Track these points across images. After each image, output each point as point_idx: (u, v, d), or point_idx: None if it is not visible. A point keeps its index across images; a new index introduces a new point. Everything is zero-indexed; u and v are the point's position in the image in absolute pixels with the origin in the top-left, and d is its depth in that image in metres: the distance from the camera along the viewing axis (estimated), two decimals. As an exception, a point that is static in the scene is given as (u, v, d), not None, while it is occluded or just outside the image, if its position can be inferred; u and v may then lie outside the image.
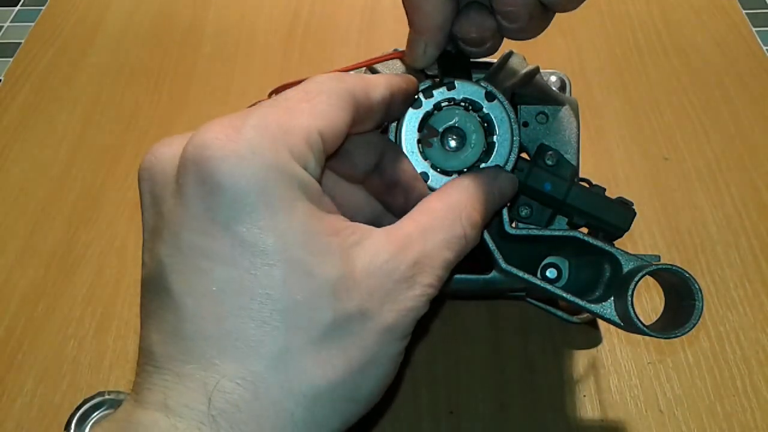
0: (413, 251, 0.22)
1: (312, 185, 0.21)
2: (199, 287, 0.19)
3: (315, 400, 0.19)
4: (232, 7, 0.70)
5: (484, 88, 0.28)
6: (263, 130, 0.20)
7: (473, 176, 0.28)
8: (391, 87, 0.26)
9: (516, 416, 0.40)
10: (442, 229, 0.24)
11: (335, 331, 0.20)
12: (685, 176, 0.53)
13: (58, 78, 0.63)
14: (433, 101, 0.28)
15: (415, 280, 0.22)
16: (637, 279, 0.30)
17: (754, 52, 0.63)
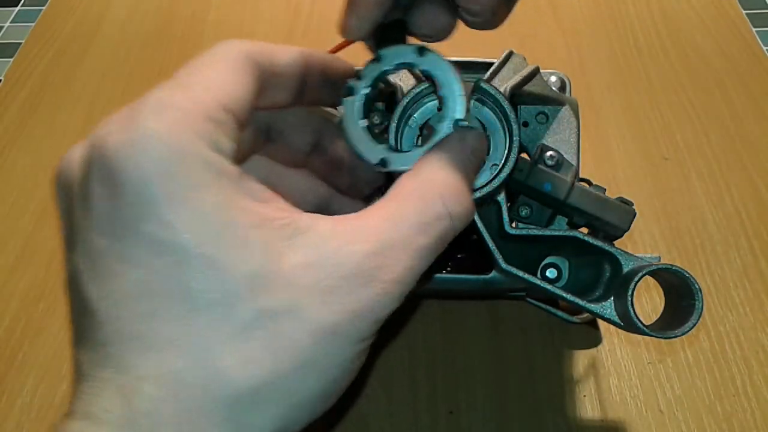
0: (370, 242, 0.20)
1: (225, 168, 0.19)
2: (114, 291, 0.18)
3: (237, 401, 0.18)
4: (232, 7, 0.70)
5: (414, 46, 0.25)
6: (159, 115, 0.18)
7: (439, 147, 0.24)
8: (304, 55, 0.24)
9: (516, 416, 0.40)
10: (415, 212, 0.21)
11: (257, 329, 0.18)
12: (685, 176, 0.53)
13: (58, 78, 0.63)
14: (365, 83, 0.25)
15: (373, 275, 0.19)
16: (637, 279, 0.30)
17: (754, 52, 0.63)
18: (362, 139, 0.25)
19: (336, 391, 0.20)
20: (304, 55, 0.24)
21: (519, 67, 0.36)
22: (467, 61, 0.39)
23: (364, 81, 0.26)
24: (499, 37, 0.65)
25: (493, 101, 0.31)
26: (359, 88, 0.26)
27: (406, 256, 0.20)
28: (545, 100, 0.37)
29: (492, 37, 0.67)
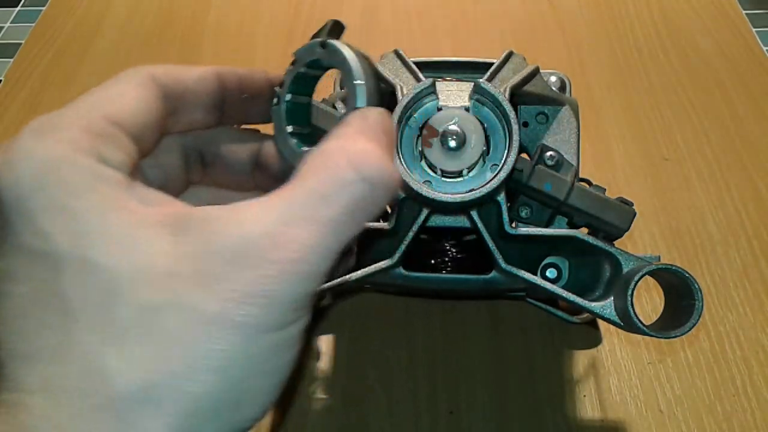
0: (261, 223, 0.18)
1: (107, 175, 0.19)
2: (6, 310, 0.18)
3: (126, 403, 0.17)
4: (232, 8, 0.70)
5: (318, 41, 0.24)
6: (36, 134, 0.19)
7: (341, 123, 0.21)
8: (217, 73, 0.24)
9: (516, 416, 0.40)
10: (316, 183, 0.19)
11: (139, 327, 0.17)
12: (685, 176, 0.53)
13: (58, 78, 0.63)
14: (286, 89, 0.25)
15: (263, 256, 0.17)
16: (637, 279, 0.30)
17: (754, 52, 0.63)
18: (289, 146, 0.24)
19: (252, 397, 0.18)
20: (216, 73, 0.24)
21: (519, 67, 0.36)
22: (467, 62, 0.39)
23: (285, 88, 0.25)
24: (499, 37, 0.66)
25: (493, 101, 0.31)
26: (282, 95, 0.25)
27: (307, 232, 0.18)
28: (545, 100, 0.37)
29: (492, 37, 0.67)
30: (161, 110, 0.22)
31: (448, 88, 0.32)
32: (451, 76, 0.38)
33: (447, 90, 0.32)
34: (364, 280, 0.33)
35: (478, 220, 0.32)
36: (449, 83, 0.33)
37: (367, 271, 0.33)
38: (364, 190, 0.19)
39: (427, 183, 0.31)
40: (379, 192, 0.19)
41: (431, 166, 0.31)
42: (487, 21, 0.67)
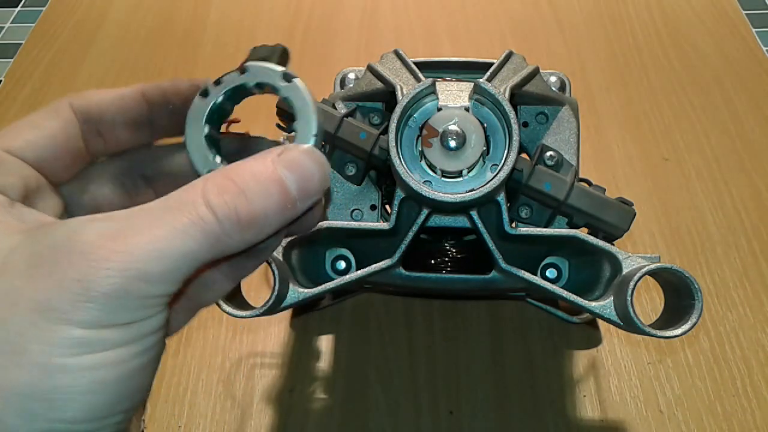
0: (96, 223, 0.18)
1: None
2: None
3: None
4: (233, 8, 0.70)
5: (281, 70, 0.24)
6: None
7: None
8: (142, 90, 0.24)
9: (516, 416, 0.40)
10: (171, 196, 0.19)
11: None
12: (685, 176, 0.53)
13: (58, 78, 0.63)
14: (221, 89, 0.24)
15: (88, 253, 0.18)
16: (636, 279, 0.30)
17: (754, 52, 0.63)
18: (199, 147, 0.23)
19: (67, 394, 0.17)
20: (139, 90, 0.24)
21: (519, 67, 0.36)
22: (467, 62, 0.39)
23: (221, 87, 0.24)
24: (499, 37, 0.66)
25: (493, 101, 0.31)
26: (214, 92, 0.24)
27: (141, 237, 0.18)
28: (545, 100, 0.37)
29: (492, 37, 0.67)
30: (75, 135, 0.23)
31: (448, 88, 0.32)
32: (451, 76, 0.38)
33: (447, 90, 0.32)
34: (364, 280, 0.33)
35: (478, 220, 0.32)
36: (449, 83, 0.33)
37: (367, 271, 0.33)
38: (210, 222, 0.19)
39: (427, 183, 0.31)
40: (226, 228, 0.19)
41: (431, 166, 0.31)
42: (487, 21, 0.67)
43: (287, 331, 0.45)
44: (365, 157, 0.35)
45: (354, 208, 0.36)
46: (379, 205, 0.36)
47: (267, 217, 0.20)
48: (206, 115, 0.23)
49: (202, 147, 0.23)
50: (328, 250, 0.35)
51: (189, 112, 0.23)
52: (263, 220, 0.20)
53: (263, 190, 0.20)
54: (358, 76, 0.40)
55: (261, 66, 0.24)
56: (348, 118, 0.36)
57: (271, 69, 0.24)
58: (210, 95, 0.24)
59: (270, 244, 0.23)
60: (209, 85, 0.24)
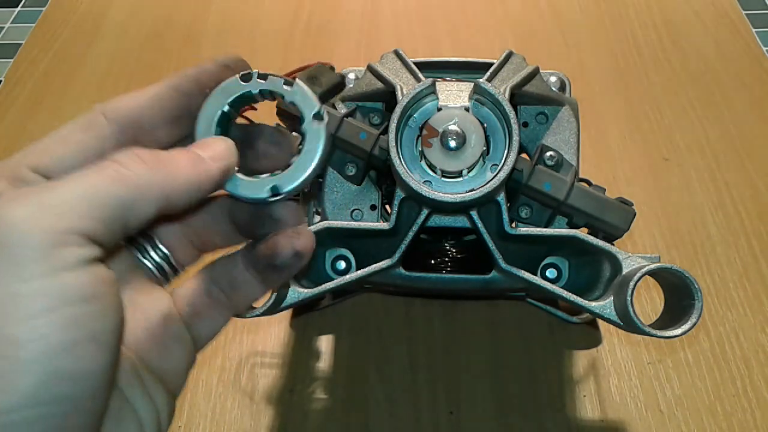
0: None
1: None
2: None
3: None
4: (233, 8, 0.70)
5: (318, 107, 0.24)
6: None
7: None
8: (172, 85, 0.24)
9: (516, 416, 0.40)
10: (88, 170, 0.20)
11: None
12: (685, 176, 0.53)
13: (58, 79, 0.63)
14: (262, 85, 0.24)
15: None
16: (636, 279, 0.30)
17: (754, 52, 0.63)
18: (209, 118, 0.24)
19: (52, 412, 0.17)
20: (169, 86, 0.24)
21: (519, 67, 0.36)
22: (467, 62, 0.39)
23: (262, 83, 0.24)
24: (499, 37, 0.66)
25: (493, 101, 0.31)
26: (254, 83, 0.24)
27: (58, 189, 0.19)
28: (545, 100, 0.37)
29: (492, 37, 0.67)
30: (111, 148, 0.22)
31: (448, 88, 0.32)
32: (451, 76, 0.38)
33: (447, 90, 0.32)
34: (364, 280, 0.33)
35: (478, 220, 0.32)
36: (449, 83, 0.33)
37: (367, 271, 0.33)
38: (116, 168, 0.20)
39: (427, 183, 0.31)
40: (132, 167, 0.20)
41: (431, 166, 0.31)
42: (487, 21, 0.67)
43: (287, 331, 0.45)
44: (365, 157, 0.35)
45: (354, 208, 0.36)
46: (379, 205, 0.36)
47: (174, 160, 0.21)
48: (234, 97, 0.24)
49: (212, 119, 0.23)
50: (328, 250, 0.35)
51: (222, 84, 0.24)
52: (171, 162, 0.21)
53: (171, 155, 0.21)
54: (358, 76, 0.40)
55: (306, 92, 0.24)
56: (348, 118, 0.36)
57: (312, 100, 0.24)
58: (250, 83, 0.24)
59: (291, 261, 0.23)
60: (253, 73, 0.24)
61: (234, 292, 0.24)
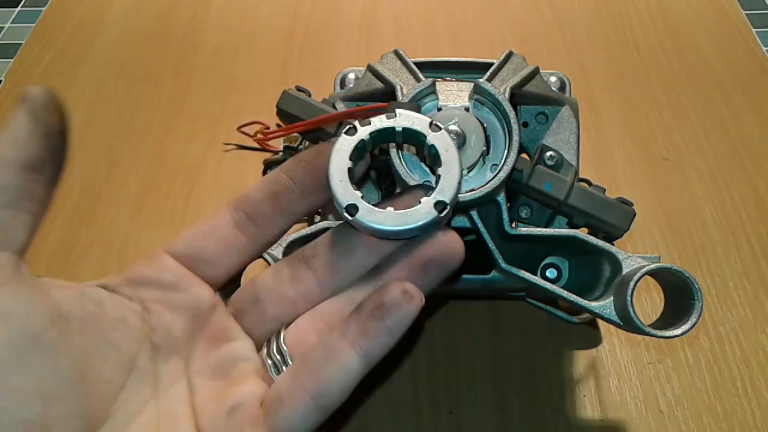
0: None
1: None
2: None
3: None
4: (233, 7, 0.70)
5: (429, 119, 0.25)
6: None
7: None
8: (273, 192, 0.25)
9: (516, 416, 0.40)
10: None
11: None
12: (685, 176, 0.53)
13: (58, 79, 0.63)
14: (371, 129, 0.25)
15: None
16: (636, 279, 0.30)
17: (754, 52, 0.63)
18: (342, 180, 0.24)
19: None
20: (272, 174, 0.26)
21: (519, 67, 0.36)
22: (467, 62, 0.39)
23: (369, 128, 0.25)
24: (499, 37, 0.66)
25: (493, 101, 0.31)
26: (361, 131, 0.25)
27: None
28: (545, 100, 0.37)
29: (492, 37, 0.67)
30: (230, 225, 0.25)
31: (448, 88, 0.32)
32: (451, 76, 0.38)
33: (447, 90, 0.32)
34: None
35: (478, 220, 0.32)
36: (449, 83, 0.33)
37: (367, 271, 0.33)
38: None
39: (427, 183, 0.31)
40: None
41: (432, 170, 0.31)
42: (487, 21, 0.67)
43: (287, 331, 0.45)
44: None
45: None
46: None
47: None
48: (351, 151, 0.25)
49: (344, 179, 0.24)
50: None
51: (334, 146, 0.25)
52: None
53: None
54: (358, 76, 0.40)
55: (411, 113, 0.25)
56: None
57: (419, 116, 0.25)
58: (357, 133, 0.25)
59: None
60: (358, 124, 0.25)
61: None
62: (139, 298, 0.24)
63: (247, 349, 0.25)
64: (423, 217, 0.24)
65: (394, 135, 0.25)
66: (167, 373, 0.23)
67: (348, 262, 0.25)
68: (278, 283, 0.25)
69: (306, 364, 0.23)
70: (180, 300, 0.24)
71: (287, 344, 0.24)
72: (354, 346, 0.22)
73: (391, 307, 0.22)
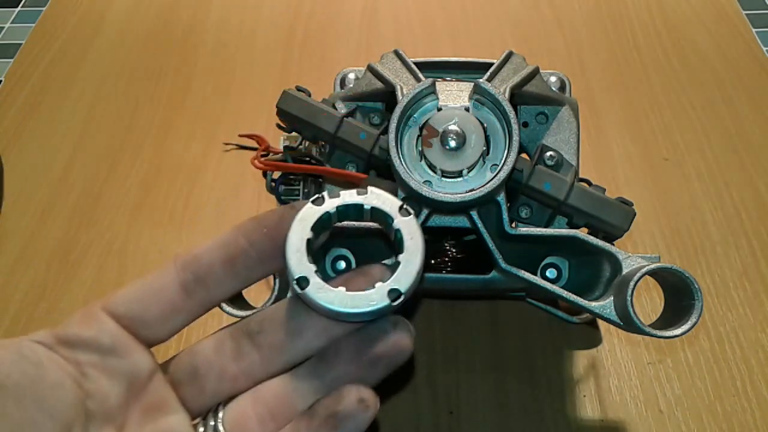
0: None
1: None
2: None
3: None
4: (233, 7, 0.70)
5: (400, 202, 0.24)
6: None
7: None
8: (238, 227, 0.24)
9: (516, 416, 0.40)
10: None
11: None
12: (685, 176, 0.53)
13: (58, 79, 0.63)
14: (337, 203, 0.24)
15: None
16: (636, 279, 0.30)
17: (754, 52, 0.63)
18: (299, 250, 0.23)
19: None
20: (233, 232, 0.24)
21: (519, 67, 0.36)
22: (467, 62, 0.39)
23: (338, 200, 0.24)
24: (499, 37, 0.66)
25: (493, 101, 0.31)
26: (328, 203, 0.24)
27: None
28: (545, 100, 0.37)
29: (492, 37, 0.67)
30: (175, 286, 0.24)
31: (448, 88, 0.32)
32: (451, 76, 0.38)
33: (447, 90, 0.32)
34: (364, 280, 0.33)
35: (478, 220, 0.32)
36: (449, 83, 0.33)
37: (367, 271, 0.33)
38: None
39: (427, 183, 0.31)
40: None
41: (431, 166, 0.31)
42: (487, 21, 0.67)
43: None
44: (365, 157, 0.35)
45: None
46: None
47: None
48: (314, 222, 0.24)
49: (301, 250, 0.23)
50: (328, 250, 0.35)
51: (298, 214, 0.24)
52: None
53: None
54: (358, 76, 0.40)
55: (383, 193, 0.24)
56: (348, 118, 0.36)
57: (391, 198, 0.24)
58: (323, 205, 0.24)
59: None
60: (328, 194, 0.24)
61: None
62: (75, 361, 0.22)
63: (183, 425, 0.23)
64: (374, 304, 0.23)
65: (362, 212, 0.25)
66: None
67: (295, 344, 0.24)
68: (220, 357, 0.24)
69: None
70: (118, 366, 0.23)
71: (226, 428, 0.23)
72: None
73: (345, 417, 0.22)
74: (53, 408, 0.21)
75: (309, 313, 0.24)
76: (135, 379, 0.23)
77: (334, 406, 0.22)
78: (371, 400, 0.22)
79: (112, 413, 0.23)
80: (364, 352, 0.23)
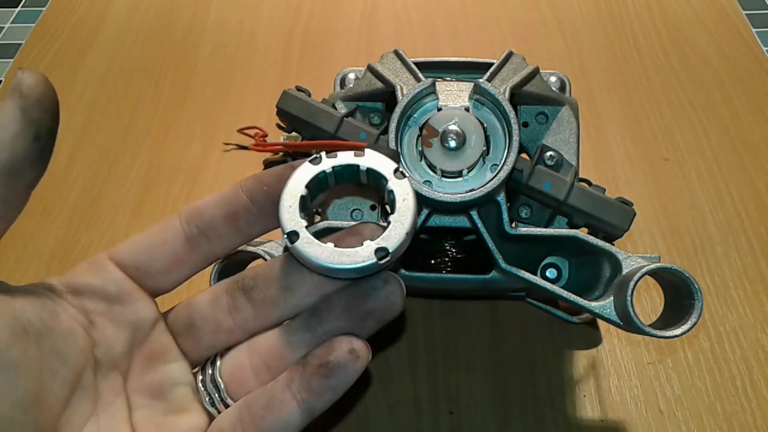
0: None
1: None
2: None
3: None
4: (233, 7, 0.70)
5: (396, 165, 0.24)
6: None
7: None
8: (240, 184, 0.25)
9: (516, 416, 0.40)
10: None
11: None
12: (685, 176, 0.53)
13: (58, 79, 0.63)
14: (334, 162, 0.24)
15: None
16: (636, 279, 0.30)
17: (754, 52, 0.63)
18: (292, 206, 0.23)
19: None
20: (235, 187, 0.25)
21: (519, 67, 0.36)
22: (467, 62, 0.39)
23: (334, 160, 0.24)
24: (499, 37, 0.66)
25: (493, 101, 0.31)
26: (326, 162, 0.24)
27: None
28: (545, 100, 0.37)
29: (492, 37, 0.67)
30: (180, 238, 0.25)
31: (448, 88, 0.32)
32: (451, 76, 0.38)
33: (447, 90, 0.32)
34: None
35: (478, 220, 0.32)
36: (449, 83, 0.33)
37: (367, 271, 0.33)
38: None
39: (427, 183, 0.31)
40: None
41: (431, 166, 0.31)
42: (487, 21, 0.67)
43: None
44: (365, 157, 0.35)
45: (354, 208, 0.36)
46: (378, 205, 0.36)
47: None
48: (309, 180, 0.24)
49: (294, 206, 0.24)
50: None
51: (295, 172, 0.24)
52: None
53: None
54: (358, 76, 0.40)
55: (379, 155, 0.25)
56: (348, 118, 0.36)
57: (387, 160, 0.24)
58: (321, 164, 0.24)
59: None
60: (325, 154, 0.24)
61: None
62: (83, 309, 0.23)
63: (184, 373, 0.24)
64: (360, 261, 0.23)
65: (358, 173, 0.25)
66: (107, 390, 0.23)
67: (288, 300, 0.24)
68: (215, 311, 0.25)
69: (249, 411, 0.23)
70: (123, 314, 0.24)
71: (223, 378, 0.24)
72: (297, 400, 0.22)
73: (336, 366, 0.22)
74: (66, 355, 0.22)
75: (301, 271, 0.24)
76: (139, 328, 0.24)
77: (326, 355, 0.23)
78: (362, 350, 0.23)
79: (118, 361, 0.23)
80: (355, 306, 0.23)
